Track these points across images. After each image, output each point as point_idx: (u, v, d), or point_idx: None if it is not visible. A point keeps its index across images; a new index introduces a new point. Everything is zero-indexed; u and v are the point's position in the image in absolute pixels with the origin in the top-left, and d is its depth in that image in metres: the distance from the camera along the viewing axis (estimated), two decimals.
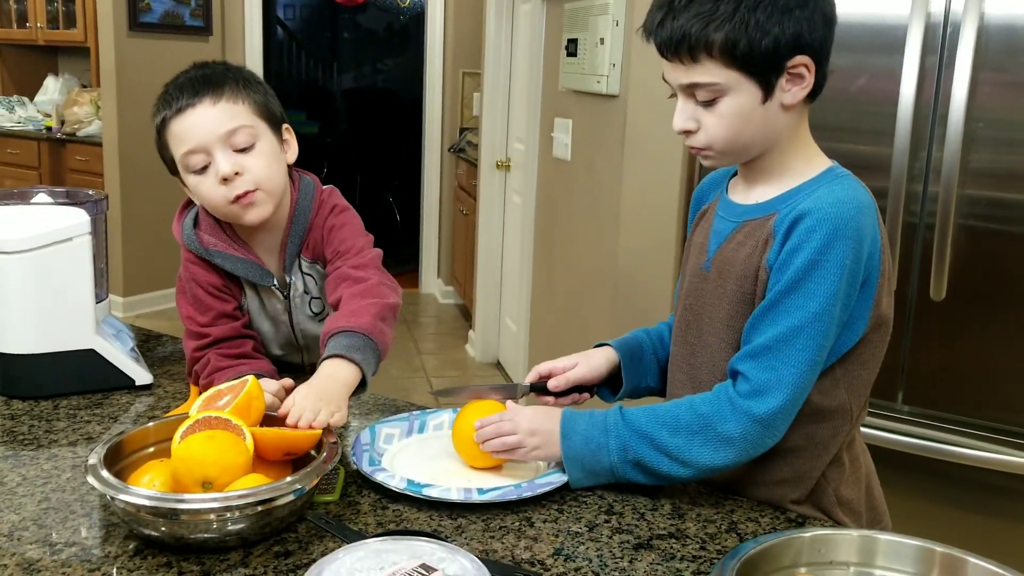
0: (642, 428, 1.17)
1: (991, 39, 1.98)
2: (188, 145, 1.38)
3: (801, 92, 1.15)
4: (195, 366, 1.46)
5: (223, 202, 1.39)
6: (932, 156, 2.07)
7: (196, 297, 1.48)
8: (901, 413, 2.19)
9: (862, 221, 1.12)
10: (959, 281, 2.09)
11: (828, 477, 1.22)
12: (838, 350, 1.17)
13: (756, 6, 1.09)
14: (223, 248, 1.47)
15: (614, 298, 2.76)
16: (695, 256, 1.31)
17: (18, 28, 5.94)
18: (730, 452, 1.14)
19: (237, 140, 1.38)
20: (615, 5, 2.69)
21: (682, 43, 1.12)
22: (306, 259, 1.51)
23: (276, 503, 1.02)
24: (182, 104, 1.38)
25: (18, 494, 1.14)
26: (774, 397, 1.12)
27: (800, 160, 1.21)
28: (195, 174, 1.39)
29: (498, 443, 1.22)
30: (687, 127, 1.18)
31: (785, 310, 1.13)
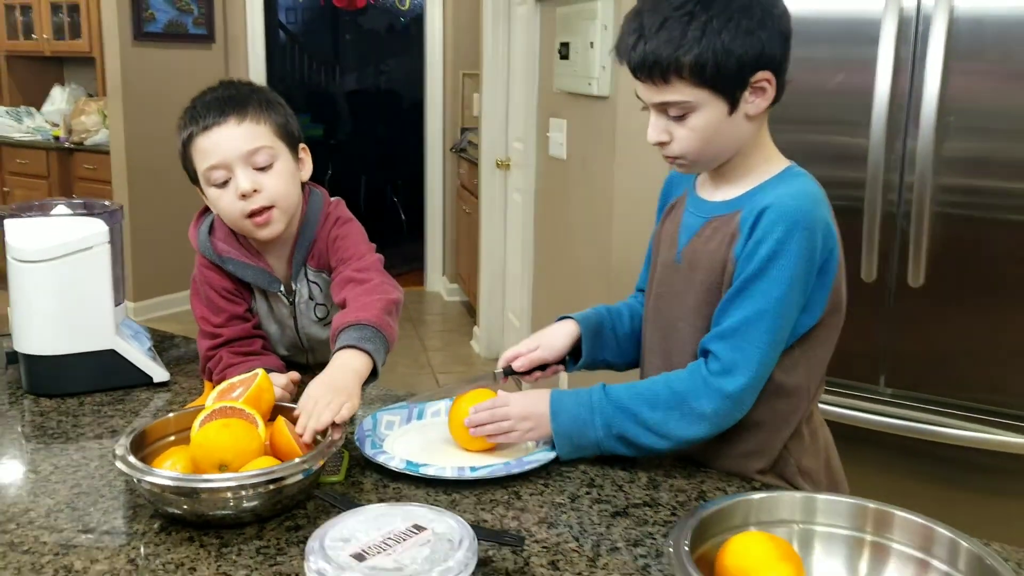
0: (624, 404, 1.28)
1: (961, 32, 2.05)
2: (211, 160, 1.48)
3: (764, 103, 1.26)
4: (208, 363, 1.57)
5: (239, 216, 1.50)
6: (907, 145, 2.15)
7: (209, 299, 1.59)
8: (884, 395, 2.28)
9: (817, 213, 1.24)
10: (936, 267, 2.17)
11: (790, 449, 1.33)
12: (797, 331, 1.28)
13: (721, 30, 1.19)
14: (235, 255, 1.58)
15: (609, 289, 2.86)
16: (666, 248, 1.42)
17: (24, 39, 6.06)
18: (704, 425, 1.26)
19: (258, 159, 1.49)
20: (603, 10, 2.79)
21: (654, 66, 1.22)
22: (312, 268, 1.62)
23: (286, 482, 1.13)
24: (209, 122, 1.48)
25: (51, 481, 1.25)
26: (742, 375, 1.23)
27: (761, 160, 1.32)
28: (216, 187, 1.50)
29: (493, 428, 1.33)
30: (660, 139, 1.29)
31: (751, 295, 1.24)
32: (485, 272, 4.82)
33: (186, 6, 5.35)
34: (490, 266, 4.79)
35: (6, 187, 5.83)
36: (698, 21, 1.19)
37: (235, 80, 1.60)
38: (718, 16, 1.19)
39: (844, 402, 2.26)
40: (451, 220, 6.13)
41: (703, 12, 1.19)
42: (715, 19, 1.19)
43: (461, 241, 5.84)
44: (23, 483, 1.25)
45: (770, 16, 1.22)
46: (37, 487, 1.23)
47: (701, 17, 1.19)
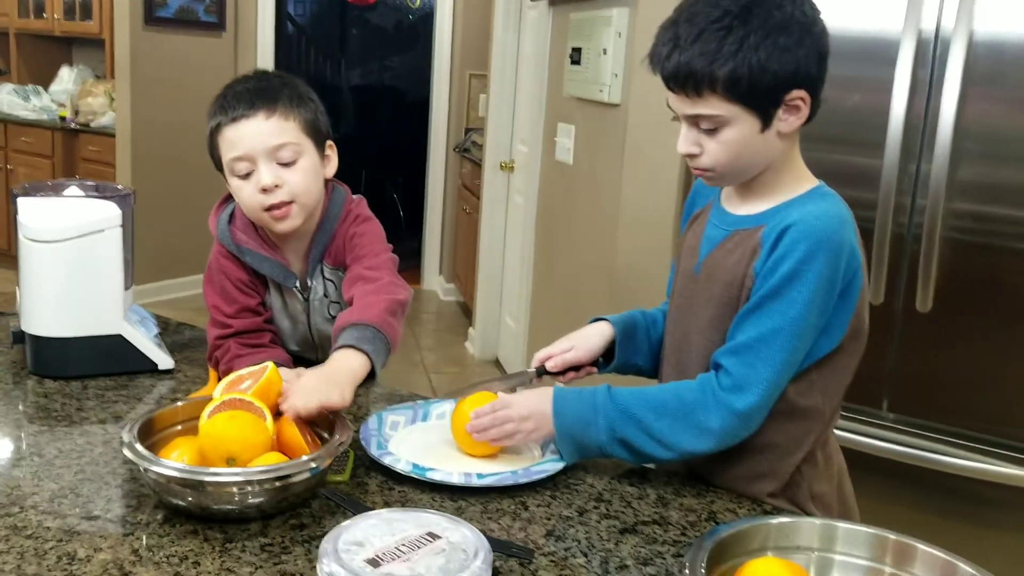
0: (630, 409, 1.27)
1: (980, 55, 2.05)
2: (237, 152, 1.48)
3: (797, 122, 1.24)
4: (216, 352, 1.56)
5: (258, 208, 1.50)
6: (921, 169, 2.15)
7: (224, 288, 1.58)
8: (886, 420, 2.27)
9: (843, 235, 1.23)
10: (945, 293, 2.16)
11: (803, 473, 1.32)
12: (815, 354, 1.27)
13: (758, 46, 1.17)
14: (253, 247, 1.57)
15: (611, 299, 2.85)
16: (687, 258, 1.41)
17: (35, 18, 6.03)
18: (710, 441, 1.24)
19: (282, 154, 1.48)
20: (618, 17, 2.78)
21: (688, 78, 1.21)
22: (328, 265, 1.61)
23: (293, 480, 1.12)
24: (238, 113, 1.48)
25: (56, 465, 1.23)
26: (752, 393, 1.22)
27: (790, 178, 1.30)
28: (239, 178, 1.50)
29: (496, 432, 1.31)
30: (691, 151, 1.27)
31: (767, 313, 1.23)
32: (483, 273, 4.81)
33: None
34: (488, 267, 4.78)
35: (9, 165, 5.80)
36: (735, 35, 1.17)
37: (270, 72, 1.59)
38: (755, 31, 1.17)
39: (844, 424, 2.25)
40: (451, 219, 6.12)
41: (741, 26, 1.18)
42: (752, 34, 1.17)
43: (460, 241, 5.84)
44: (27, 465, 1.23)
45: (808, 34, 1.20)
46: (41, 471, 1.22)
47: (738, 31, 1.17)
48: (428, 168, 6.12)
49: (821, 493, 1.34)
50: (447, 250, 6.19)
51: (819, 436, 1.33)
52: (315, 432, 1.26)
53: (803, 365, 1.27)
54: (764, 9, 1.18)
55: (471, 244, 5.21)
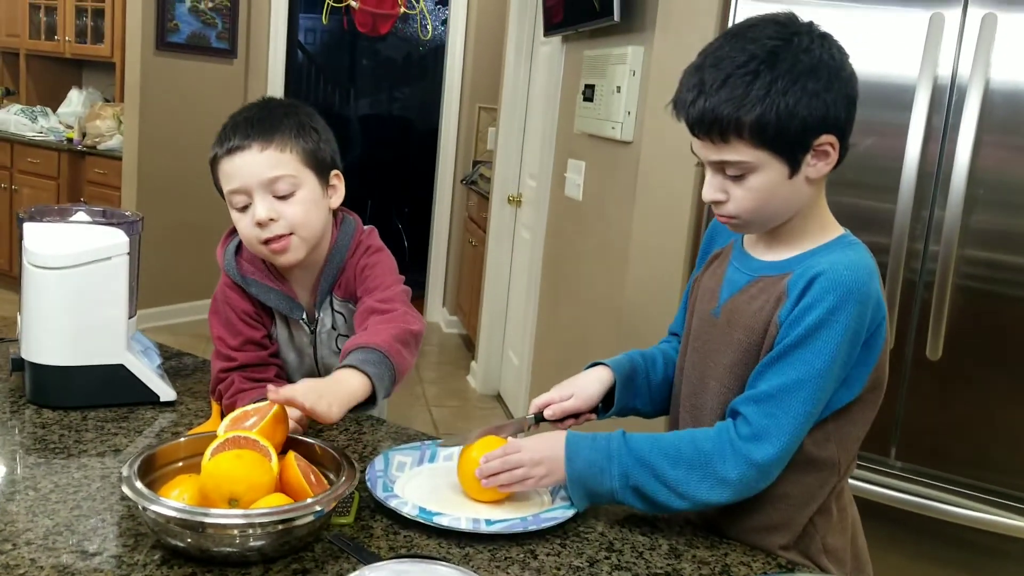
0: (644, 457, 1.23)
1: (996, 103, 2.05)
2: (232, 185, 1.46)
3: (826, 167, 1.22)
4: (219, 385, 1.53)
5: (256, 241, 1.48)
6: (934, 215, 2.13)
7: (229, 320, 1.55)
8: (893, 468, 2.24)
9: (871, 287, 1.20)
10: (955, 341, 2.14)
11: (816, 525, 1.29)
12: (833, 405, 1.24)
13: (786, 90, 1.15)
14: (260, 278, 1.55)
15: (619, 339, 2.82)
16: (704, 301, 1.38)
17: (46, 40, 6.05)
18: (726, 491, 1.21)
19: (278, 187, 1.46)
20: (633, 56, 2.77)
21: (714, 124, 1.18)
22: (338, 297, 1.58)
23: (296, 523, 1.09)
24: (232, 145, 1.45)
25: (51, 500, 1.20)
26: (772, 444, 1.19)
27: (816, 225, 1.28)
28: (237, 211, 1.48)
29: (507, 477, 1.27)
30: (716, 198, 1.25)
31: (791, 363, 1.20)
32: (487, 307, 4.78)
33: (211, 20, 5.35)
34: (492, 301, 4.76)
35: (15, 185, 5.80)
36: (762, 80, 1.15)
37: (275, 100, 1.56)
38: (783, 76, 1.15)
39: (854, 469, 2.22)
40: (456, 251, 6.11)
41: (768, 72, 1.15)
42: (780, 79, 1.15)
43: (464, 273, 5.81)
44: (22, 500, 1.20)
45: (837, 79, 1.18)
46: (36, 506, 1.18)
47: (766, 77, 1.15)
48: (435, 199, 6.11)
49: (834, 547, 1.31)
50: (451, 282, 6.16)
51: (834, 488, 1.29)
52: (319, 472, 1.23)
53: (821, 416, 1.24)
54: (792, 54, 1.16)
55: (476, 277, 5.18)
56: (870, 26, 2.18)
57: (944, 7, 2.07)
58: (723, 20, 2.43)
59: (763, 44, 1.17)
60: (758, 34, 1.18)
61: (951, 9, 2.07)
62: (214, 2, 5.36)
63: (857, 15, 2.19)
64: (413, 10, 5.63)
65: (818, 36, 1.20)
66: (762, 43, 1.17)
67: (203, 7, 5.30)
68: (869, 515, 2.21)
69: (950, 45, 2.08)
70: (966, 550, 2.18)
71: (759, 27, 1.20)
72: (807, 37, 1.18)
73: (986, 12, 2.02)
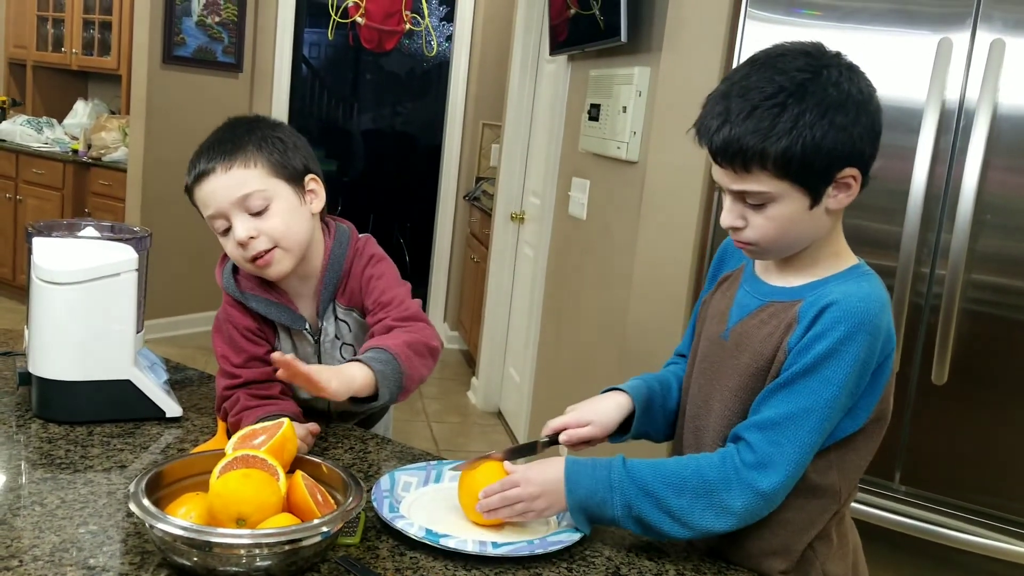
0: (647, 486, 1.22)
1: (1004, 127, 2.05)
2: (208, 211, 1.47)
3: (847, 199, 1.21)
4: (225, 403, 1.53)
5: (243, 261, 1.49)
6: (941, 238, 2.14)
7: (231, 338, 1.55)
8: (898, 493, 2.24)
9: (882, 319, 1.19)
10: (961, 365, 2.14)
11: (817, 551, 1.29)
12: (837, 435, 1.24)
13: (813, 124, 1.14)
14: (258, 293, 1.55)
15: (622, 359, 2.82)
16: (713, 323, 1.37)
17: (53, 51, 6.08)
18: (731, 520, 1.21)
19: (251, 204, 1.46)
20: (639, 76, 2.78)
21: (738, 154, 1.17)
22: (342, 306, 1.58)
23: (303, 543, 1.08)
24: (199, 171, 1.47)
25: (57, 516, 1.20)
26: (777, 473, 1.19)
27: (830, 253, 1.27)
28: (220, 235, 1.49)
29: (506, 512, 1.27)
30: (735, 224, 1.24)
31: (799, 391, 1.19)
32: (488, 323, 4.78)
33: (217, 34, 5.37)
34: (494, 317, 4.75)
35: (20, 195, 5.81)
36: (790, 113, 1.14)
37: (240, 118, 1.56)
38: (811, 110, 1.14)
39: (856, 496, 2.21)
40: (457, 267, 6.11)
41: (796, 105, 1.14)
42: (808, 112, 1.14)
43: (466, 289, 5.82)
44: (28, 515, 1.19)
45: (865, 112, 1.17)
46: (43, 521, 1.18)
47: (793, 109, 1.14)
48: (437, 215, 6.12)
49: (834, 573, 1.30)
50: (452, 298, 6.16)
51: (832, 515, 1.29)
52: (326, 491, 1.22)
53: (825, 444, 1.23)
54: (820, 87, 1.15)
55: (477, 293, 5.18)
56: (878, 49, 2.18)
57: (952, 32, 2.08)
58: (731, 41, 2.43)
59: (792, 76, 1.16)
60: (787, 65, 1.17)
61: (959, 34, 2.07)
62: (221, 16, 5.38)
63: (865, 38, 2.20)
64: (418, 27, 5.65)
65: (846, 69, 1.19)
66: (791, 75, 1.16)
67: (210, 21, 5.32)
68: (874, 540, 2.21)
69: (958, 70, 2.08)
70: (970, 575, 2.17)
71: (788, 58, 1.18)
72: (836, 70, 1.17)
73: (994, 38, 2.02)
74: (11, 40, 6.34)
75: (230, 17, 5.44)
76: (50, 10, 6.05)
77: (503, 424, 4.62)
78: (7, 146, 5.85)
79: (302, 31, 6.48)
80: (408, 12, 5.54)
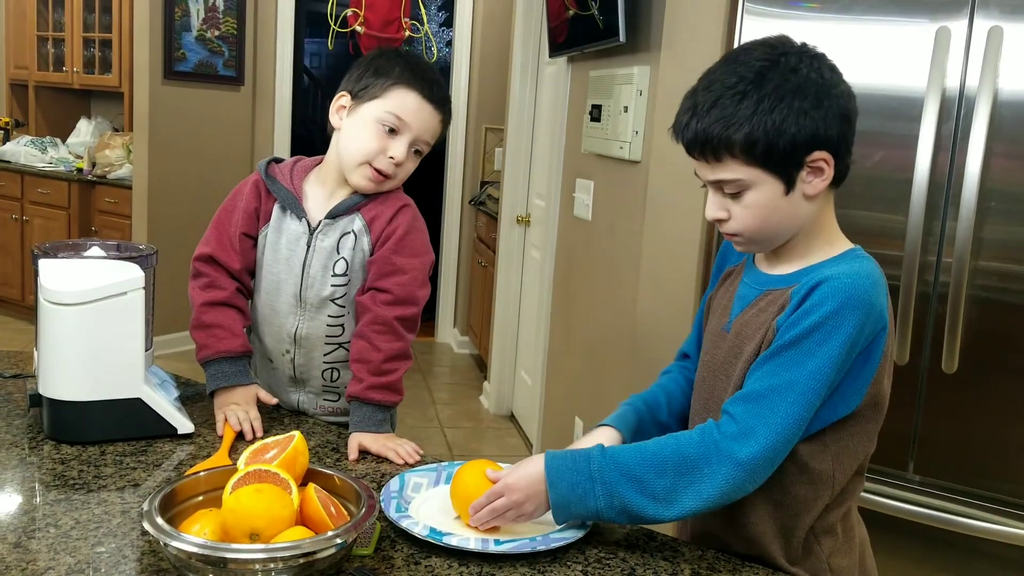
0: (629, 470, 1.22)
1: (1004, 113, 2.05)
2: (407, 119, 1.63)
3: (822, 183, 1.23)
4: (195, 281, 1.79)
5: (364, 157, 1.64)
6: (946, 226, 2.13)
7: (233, 208, 1.74)
8: (911, 482, 2.23)
9: (873, 297, 1.20)
10: (970, 353, 2.13)
11: (823, 545, 1.29)
12: (829, 417, 1.23)
13: (772, 108, 1.18)
14: (282, 181, 1.71)
15: (633, 357, 2.82)
16: (716, 316, 1.39)
17: (54, 71, 6.11)
18: (713, 495, 1.19)
19: (417, 149, 1.68)
20: (639, 76, 2.78)
21: (706, 144, 1.22)
22: (363, 218, 1.69)
23: (318, 556, 1.09)
24: (436, 96, 1.65)
25: (72, 537, 1.20)
26: (756, 442, 1.18)
27: (823, 241, 1.29)
28: (379, 126, 1.63)
29: (500, 521, 1.28)
30: (718, 216, 1.27)
31: (783, 363, 1.19)
32: (498, 327, 4.79)
33: (217, 48, 5.39)
34: (503, 321, 4.76)
35: (26, 216, 5.83)
36: (749, 100, 1.19)
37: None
38: (770, 95, 1.18)
39: (870, 487, 2.21)
40: (465, 271, 6.12)
41: (755, 91, 1.19)
42: (767, 98, 1.18)
43: (475, 293, 5.82)
44: (43, 537, 1.20)
45: (827, 96, 1.20)
46: (58, 543, 1.18)
47: (753, 96, 1.19)
48: (443, 220, 6.13)
49: (839, 567, 1.31)
50: (461, 302, 6.17)
51: (831, 503, 1.29)
52: (339, 503, 1.23)
53: (816, 427, 1.23)
54: (778, 74, 1.20)
55: (486, 297, 5.19)
56: (876, 40, 2.18)
57: (950, 20, 2.07)
58: (728, 38, 2.43)
59: (751, 66, 1.21)
60: (748, 57, 1.23)
61: (957, 22, 2.07)
62: (220, 30, 5.40)
63: (862, 29, 2.19)
64: (418, 33, 5.65)
65: (808, 56, 1.22)
66: (750, 64, 1.21)
67: (210, 36, 5.34)
68: (887, 529, 2.21)
69: (957, 57, 2.08)
70: (986, 563, 2.16)
71: (750, 50, 1.24)
72: (795, 57, 1.21)
73: (992, 25, 2.02)
74: (12, 61, 6.37)
75: (230, 31, 5.46)
76: (50, 30, 6.08)
77: (516, 427, 4.62)
78: (12, 167, 5.88)
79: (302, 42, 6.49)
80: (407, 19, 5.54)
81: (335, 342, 1.72)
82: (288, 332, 1.71)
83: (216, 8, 5.36)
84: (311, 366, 1.73)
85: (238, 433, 1.58)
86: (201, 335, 1.68)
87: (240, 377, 1.66)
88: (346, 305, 1.70)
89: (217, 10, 5.37)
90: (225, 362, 1.66)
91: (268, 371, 1.78)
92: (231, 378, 1.65)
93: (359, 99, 1.65)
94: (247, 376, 1.67)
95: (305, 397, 1.77)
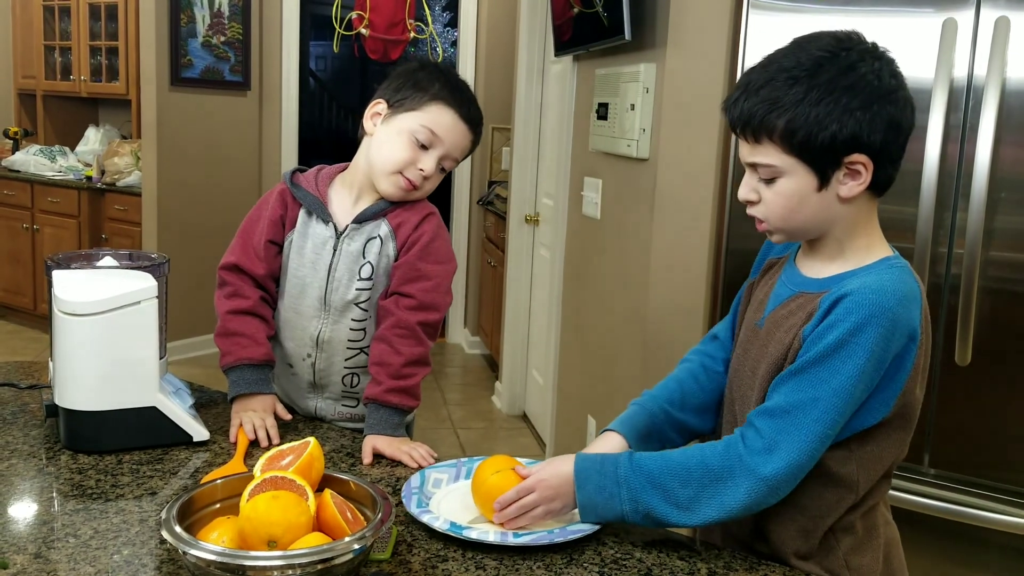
0: (654, 478, 1.23)
1: (1013, 103, 2.04)
2: (440, 134, 1.66)
3: (857, 187, 1.21)
4: (220, 291, 1.74)
5: (395, 167, 1.66)
6: (956, 217, 2.12)
7: (259, 218, 1.74)
8: (927, 476, 2.23)
9: (899, 312, 1.17)
10: (984, 344, 2.13)
11: (840, 542, 1.29)
12: (854, 427, 1.23)
13: (819, 101, 1.17)
14: (309, 188, 1.73)
15: (644, 354, 2.82)
16: (754, 309, 1.39)
17: (62, 80, 6.13)
18: (735, 508, 1.21)
19: (445, 164, 1.70)
20: (645, 73, 2.78)
21: (748, 124, 1.22)
22: (389, 223, 1.70)
23: (335, 561, 1.09)
24: (468, 118, 1.69)
25: (92, 547, 1.21)
26: (781, 459, 1.18)
27: (860, 247, 1.27)
28: (411, 137, 1.65)
29: (527, 519, 1.29)
30: (749, 197, 1.27)
31: (809, 380, 1.19)
32: (509, 327, 4.79)
33: (223, 53, 5.41)
34: (514, 321, 4.76)
35: (36, 225, 5.86)
36: (800, 87, 1.17)
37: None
38: (820, 87, 1.17)
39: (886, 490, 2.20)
40: (475, 272, 6.12)
41: (808, 80, 1.18)
42: (817, 89, 1.17)
43: (484, 294, 5.83)
44: (63, 547, 1.21)
45: (879, 101, 1.18)
46: (78, 553, 1.19)
47: (804, 84, 1.17)
48: (452, 221, 6.14)
49: (859, 565, 1.30)
50: (472, 303, 6.17)
51: (854, 505, 1.28)
52: (356, 508, 1.23)
53: (842, 436, 1.23)
54: (835, 67, 1.18)
55: (496, 297, 5.19)
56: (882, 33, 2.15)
57: (956, 12, 2.07)
58: (735, 34, 2.43)
59: (812, 54, 1.19)
60: (812, 45, 1.21)
61: (963, 13, 2.06)
62: (226, 36, 5.42)
63: (868, 22, 2.19)
64: (423, 34, 5.65)
65: (872, 57, 1.20)
66: (811, 53, 1.19)
67: (215, 41, 5.36)
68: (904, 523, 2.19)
69: (964, 48, 2.07)
70: (1002, 555, 2.15)
71: (818, 39, 1.22)
72: (857, 55, 1.19)
73: (999, 15, 2.01)
74: (20, 71, 6.40)
75: (235, 36, 5.47)
76: (56, 39, 6.10)
77: (529, 427, 4.62)
78: (21, 176, 5.91)
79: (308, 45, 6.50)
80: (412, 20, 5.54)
81: (357, 347, 1.73)
82: (311, 335, 1.72)
83: (221, 14, 5.38)
84: (332, 371, 1.74)
85: (252, 440, 1.59)
86: (225, 342, 1.69)
87: (261, 385, 1.67)
88: (369, 309, 1.71)
89: (223, 16, 5.38)
90: (247, 369, 1.66)
91: (288, 377, 1.79)
92: (252, 385, 1.66)
93: (396, 109, 1.67)
94: (267, 385, 1.68)
95: (323, 403, 1.78)
